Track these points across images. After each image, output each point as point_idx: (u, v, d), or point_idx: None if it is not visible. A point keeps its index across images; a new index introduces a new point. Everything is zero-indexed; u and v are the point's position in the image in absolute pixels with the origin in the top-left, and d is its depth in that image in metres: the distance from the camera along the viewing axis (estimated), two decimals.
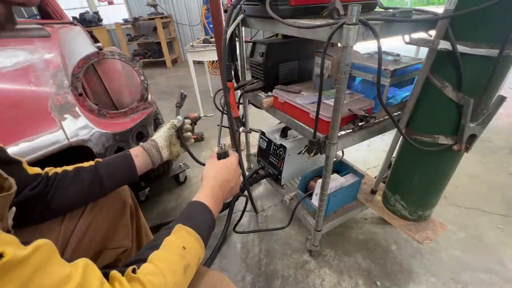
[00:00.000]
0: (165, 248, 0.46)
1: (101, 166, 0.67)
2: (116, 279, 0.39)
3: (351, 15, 0.62)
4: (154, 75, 4.37)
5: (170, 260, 0.45)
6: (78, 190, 0.63)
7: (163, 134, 0.78)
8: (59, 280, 0.31)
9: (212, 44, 2.37)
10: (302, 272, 1.16)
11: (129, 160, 0.70)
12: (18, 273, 0.28)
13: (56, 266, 0.32)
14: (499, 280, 1.09)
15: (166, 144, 0.77)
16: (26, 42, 1.23)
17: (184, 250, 0.47)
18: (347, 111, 0.87)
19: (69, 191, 0.62)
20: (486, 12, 0.62)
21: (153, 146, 0.75)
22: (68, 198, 0.63)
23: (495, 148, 1.94)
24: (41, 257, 0.31)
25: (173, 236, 0.49)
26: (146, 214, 0.94)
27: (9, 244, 0.29)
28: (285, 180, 1.34)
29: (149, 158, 0.74)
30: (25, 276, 0.28)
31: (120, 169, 0.70)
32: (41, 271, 0.30)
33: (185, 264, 0.46)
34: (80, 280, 0.33)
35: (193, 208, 0.57)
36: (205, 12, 4.22)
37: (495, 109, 0.74)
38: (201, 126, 2.35)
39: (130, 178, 0.72)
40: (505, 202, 1.46)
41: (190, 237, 0.50)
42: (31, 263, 0.29)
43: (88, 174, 0.65)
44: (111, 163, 0.69)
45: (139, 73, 1.11)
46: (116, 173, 0.69)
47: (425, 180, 0.95)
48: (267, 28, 0.98)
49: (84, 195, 0.65)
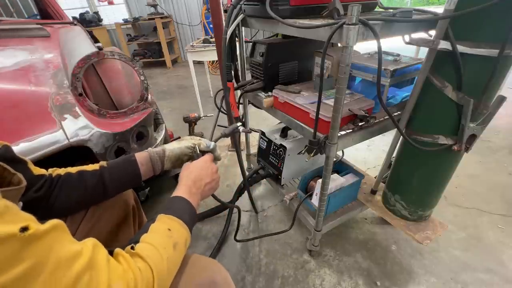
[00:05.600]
0: (153, 231, 0.50)
1: (105, 171, 0.66)
2: (120, 254, 0.43)
3: (351, 15, 0.62)
4: (154, 75, 4.37)
5: (159, 239, 0.49)
6: (81, 194, 0.63)
7: (177, 149, 0.74)
8: (73, 254, 0.35)
9: (212, 44, 2.37)
10: (302, 272, 1.16)
11: (134, 167, 0.69)
12: (40, 245, 0.32)
13: (69, 243, 0.36)
14: (499, 280, 1.09)
15: (174, 160, 0.74)
16: (26, 42, 1.23)
17: (169, 232, 0.51)
18: (347, 111, 0.87)
19: (72, 195, 0.62)
20: (486, 12, 0.62)
21: (159, 155, 0.72)
22: (70, 202, 0.63)
23: (495, 148, 1.94)
24: (56, 233, 0.35)
25: (157, 222, 0.53)
26: (146, 214, 0.94)
27: (31, 219, 0.32)
28: (285, 180, 1.34)
29: (151, 167, 0.72)
30: (45, 248, 0.32)
31: (125, 176, 0.69)
32: (57, 245, 0.34)
33: (173, 242, 0.50)
34: (90, 255, 0.37)
35: (171, 201, 0.60)
36: (205, 12, 4.22)
37: (495, 109, 0.74)
38: (201, 126, 2.34)
39: (134, 184, 0.72)
40: (505, 202, 1.46)
41: (173, 221, 0.54)
42: (50, 236, 0.33)
43: (92, 178, 0.64)
44: (116, 168, 0.68)
45: (139, 73, 1.11)
46: (120, 179, 0.68)
47: (425, 180, 0.95)
48: (267, 28, 0.98)
49: (87, 199, 0.65)
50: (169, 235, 0.51)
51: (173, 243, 0.50)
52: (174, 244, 0.50)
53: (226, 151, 2.08)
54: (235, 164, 1.89)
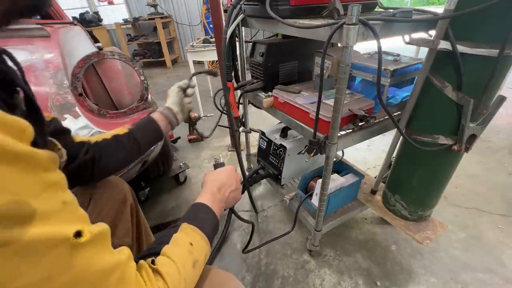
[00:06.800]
0: (175, 243, 0.48)
1: (135, 132, 0.75)
2: (144, 268, 0.41)
3: (351, 15, 0.62)
4: (154, 75, 4.37)
5: (180, 255, 0.46)
6: (122, 154, 0.72)
7: (175, 100, 0.83)
8: (112, 265, 0.34)
9: (212, 44, 2.37)
10: (302, 272, 1.16)
11: (155, 124, 0.79)
12: (87, 252, 0.31)
13: (110, 252, 0.35)
14: (499, 280, 1.09)
15: (180, 109, 0.84)
16: (26, 42, 1.23)
17: (191, 246, 0.49)
18: (347, 111, 0.87)
19: (115, 156, 0.71)
20: (486, 12, 0.62)
21: (170, 112, 0.82)
22: (115, 161, 0.72)
23: (495, 148, 1.94)
24: (103, 241, 0.34)
25: (180, 233, 0.51)
26: (146, 214, 0.94)
27: (84, 219, 0.32)
28: (285, 180, 1.34)
29: (168, 123, 0.82)
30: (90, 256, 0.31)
31: (151, 132, 0.79)
32: (101, 254, 0.33)
33: (193, 259, 0.48)
34: (124, 268, 0.36)
35: (196, 209, 0.58)
36: (205, 12, 4.22)
37: (495, 109, 0.74)
38: (201, 126, 2.33)
39: (158, 139, 0.81)
40: (505, 202, 1.46)
41: (196, 234, 0.52)
42: (95, 243, 0.32)
43: (127, 139, 0.73)
44: (142, 128, 0.77)
45: (139, 73, 1.11)
46: (148, 136, 0.78)
47: (425, 180, 0.95)
48: (267, 28, 0.98)
49: (128, 157, 0.74)
50: (190, 251, 0.48)
51: (193, 261, 0.48)
52: (194, 262, 0.48)
53: (226, 151, 2.09)
54: (235, 164, 1.89)
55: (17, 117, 0.26)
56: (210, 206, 0.59)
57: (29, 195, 0.26)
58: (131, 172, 1.13)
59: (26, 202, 0.25)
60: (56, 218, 0.28)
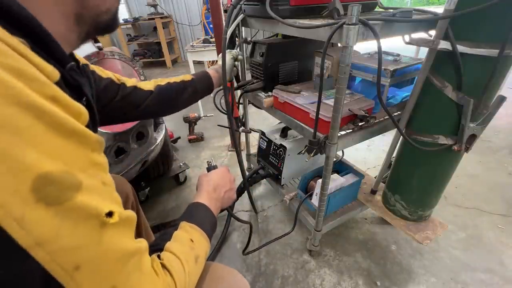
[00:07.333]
0: (176, 240, 0.49)
1: (197, 81, 0.89)
2: (155, 262, 0.42)
3: (351, 15, 0.62)
4: (154, 75, 4.37)
5: (182, 250, 0.47)
6: (188, 95, 0.87)
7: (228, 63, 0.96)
8: (133, 251, 0.35)
9: (212, 44, 2.37)
10: (302, 272, 1.16)
11: (210, 80, 0.93)
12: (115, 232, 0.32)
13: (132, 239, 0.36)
14: (499, 280, 1.09)
15: (229, 70, 0.99)
16: None
17: (192, 243, 0.50)
18: (347, 111, 0.87)
19: (182, 97, 0.86)
20: (486, 12, 0.62)
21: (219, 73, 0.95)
22: (182, 101, 0.88)
23: (495, 148, 1.94)
24: (129, 226, 0.36)
25: (180, 231, 0.52)
26: (146, 214, 0.94)
27: (118, 202, 0.34)
28: (285, 180, 1.34)
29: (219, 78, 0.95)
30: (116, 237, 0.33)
31: (207, 84, 0.92)
32: (124, 238, 0.34)
33: (195, 255, 0.49)
34: (141, 257, 0.37)
35: (194, 208, 0.59)
36: (205, 12, 4.21)
37: (495, 109, 0.74)
38: (201, 126, 2.35)
39: (209, 92, 0.95)
40: (505, 202, 1.46)
41: (196, 232, 0.53)
42: (122, 226, 0.34)
43: (190, 85, 0.87)
44: (201, 79, 0.91)
45: (139, 73, 1.11)
46: (204, 87, 0.91)
47: (425, 180, 0.95)
48: (267, 28, 0.98)
49: (191, 99, 0.90)
50: (192, 247, 0.50)
51: (195, 256, 0.49)
52: (196, 257, 0.49)
53: (226, 151, 2.09)
54: (235, 164, 1.89)
55: (78, 103, 0.31)
56: (207, 205, 0.60)
57: (77, 168, 0.29)
58: (131, 172, 1.13)
59: (74, 174, 0.29)
60: (96, 194, 0.31)
